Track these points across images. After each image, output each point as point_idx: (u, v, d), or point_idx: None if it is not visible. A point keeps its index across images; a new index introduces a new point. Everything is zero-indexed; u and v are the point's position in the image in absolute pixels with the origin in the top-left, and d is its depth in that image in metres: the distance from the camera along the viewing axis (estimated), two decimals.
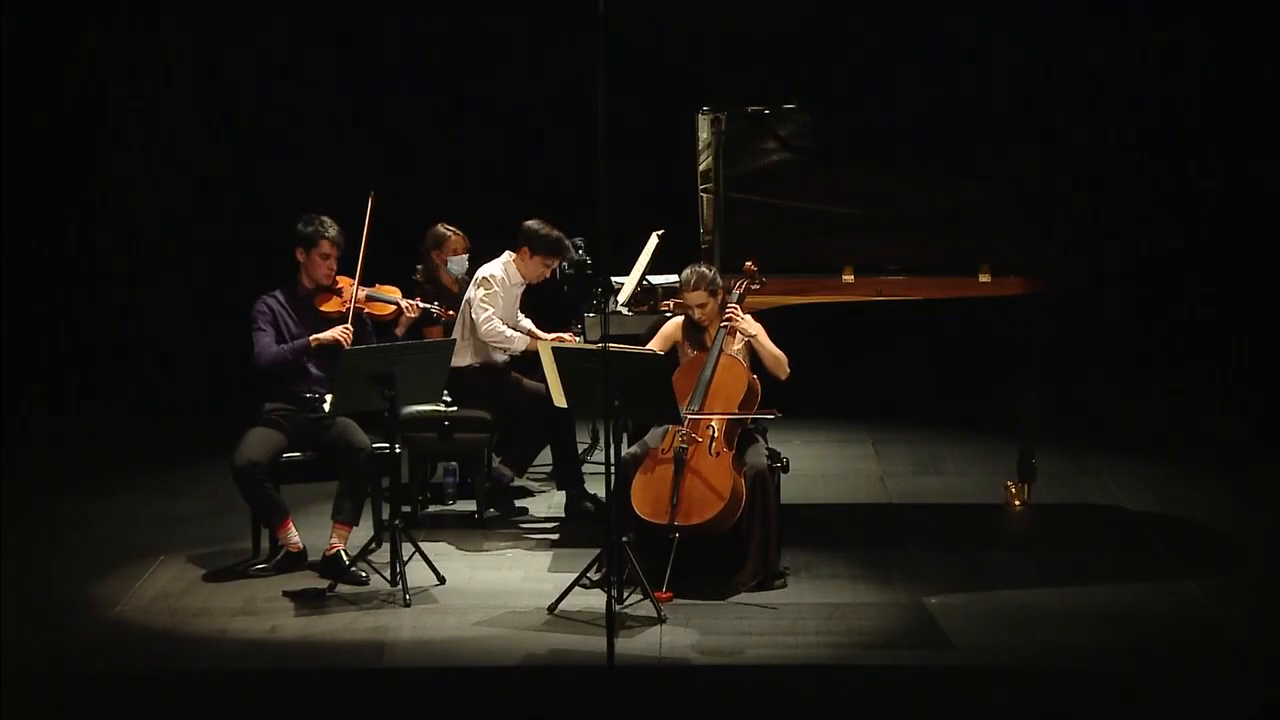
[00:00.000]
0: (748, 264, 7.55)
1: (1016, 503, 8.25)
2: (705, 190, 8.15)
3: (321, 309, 7.65)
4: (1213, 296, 10.75)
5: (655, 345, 7.48)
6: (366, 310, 7.76)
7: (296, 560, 7.45)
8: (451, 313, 8.18)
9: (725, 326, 7.34)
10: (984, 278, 8.19)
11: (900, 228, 8.26)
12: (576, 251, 8.41)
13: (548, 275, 8.21)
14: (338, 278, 7.70)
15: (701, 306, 7.42)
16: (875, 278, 8.22)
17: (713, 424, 7.15)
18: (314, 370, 7.55)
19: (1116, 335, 10.66)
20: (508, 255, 8.16)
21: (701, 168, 8.15)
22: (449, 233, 8.54)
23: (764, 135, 8.17)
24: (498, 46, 10.72)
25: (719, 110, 8.06)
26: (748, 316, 7.39)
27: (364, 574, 7.27)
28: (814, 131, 8.18)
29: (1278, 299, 10.60)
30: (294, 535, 7.46)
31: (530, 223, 8.14)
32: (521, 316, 8.26)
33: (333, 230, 7.62)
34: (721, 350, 7.30)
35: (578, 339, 8.07)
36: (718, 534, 7.08)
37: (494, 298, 8.06)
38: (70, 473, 9.05)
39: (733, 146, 8.13)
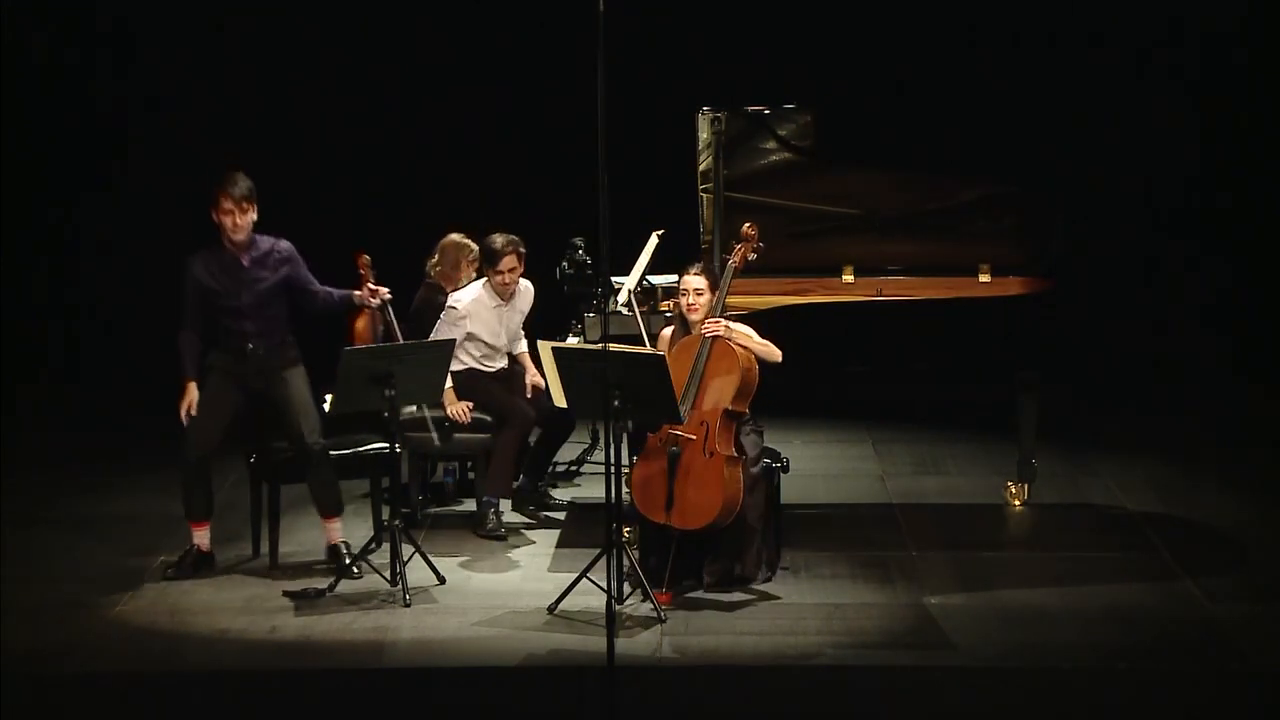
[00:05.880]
0: (746, 227, 7.32)
1: (1016, 503, 8.25)
2: (705, 190, 8.16)
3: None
4: (1212, 294, 10.76)
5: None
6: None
7: (205, 563, 7.42)
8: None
9: (709, 336, 7.10)
10: (984, 278, 8.21)
11: (900, 228, 8.27)
12: (576, 252, 8.41)
13: (503, 282, 7.99)
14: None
15: (699, 293, 7.19)
16: (875, 278, 8.23)
17: (706, 420, 7.07)
18: (250, 327, 7.34)
19: (1117, 334, 10.66)
20: (482, 280, 8.09)
21: (701, 168, 8.16)
22: (467, 242, 8.39)
23: (764, 135, 8.18)
24: (497, 46, 10.72)
25: (719, 110, 8.06)
26: (725, 324, 7.14)
27: (357, 569, 7.27)
28: (814, 131, 8.19)
29: (1277, 296, 10.63)
30: (207, 537, 7.45)
31: (486, 240, 8.04)
32: (519, 336, 8.25)
33: (239, 184, 7.25)
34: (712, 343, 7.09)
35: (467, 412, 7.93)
36: (718, 530, 7.06)
37: (454, 325, 7.97)
38: (70, 473, 9.05)
39: (733, 146, 8.14)
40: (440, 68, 10.73)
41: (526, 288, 8.17)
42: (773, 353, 7.18)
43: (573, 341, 7.96)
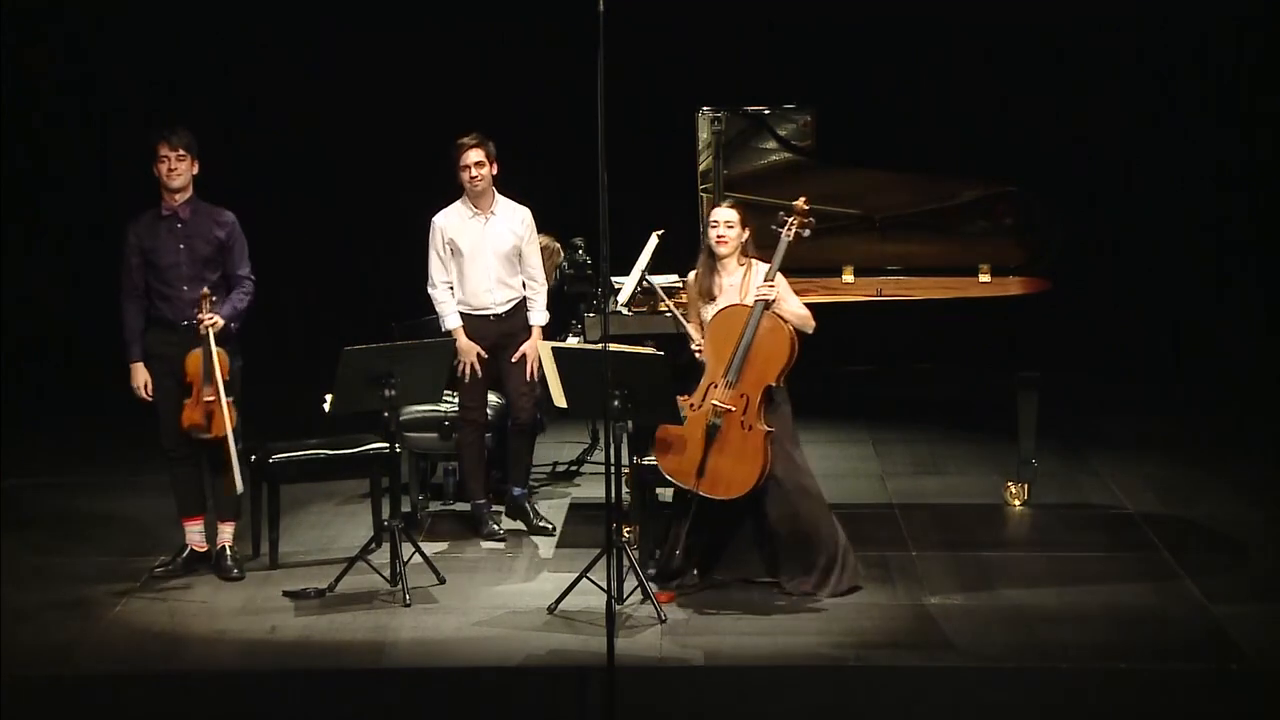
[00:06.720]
0: (800, 201, 7.19)
1: (1016, 503, 8.25)
2: (705, 190, 8.16)
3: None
4: (1213, 293, 10.77)
5: (696, 328, 7.21)
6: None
7: (202, 560, 7.42)
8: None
9: (763, 300, 6.99)
10: (984, 278, 8.21)
11: (900, 228, 8.27)
12: (576, 251, 8.40)
13: (469, 178, 7.71)
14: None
15: (729, 225, 7.10)
16: (875, 278, 8.23)
17: (748, 394, 6.98)
18: (185, 291, 7.25)
19: (1117, 334, 10.65)
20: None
21: (701, 168, 8.16)
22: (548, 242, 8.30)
23: (764, 135, 8.18)
24: (497, 46, 10.71)
25: (719, 110, 8.06)
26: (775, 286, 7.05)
27: (235, 570, 7.32)
28: (814, 131, 8.19)
29: (1276, 296, 10.63)
30: (201, 534, 7.45)
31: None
32: (536, 278, 7.94)
33: (177, 133, 7.21)
34: (764, 310, 6.99)
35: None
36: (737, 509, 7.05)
37: (433, 238, 7.81)
38: (70, 473, 9.05)
39: (733, 146, 8.14)
40: (437, 66, 10.72)
41: (515, 208, 7.88)
42: (808, 322, 7.11)
43: (573, 341, 7.95)
